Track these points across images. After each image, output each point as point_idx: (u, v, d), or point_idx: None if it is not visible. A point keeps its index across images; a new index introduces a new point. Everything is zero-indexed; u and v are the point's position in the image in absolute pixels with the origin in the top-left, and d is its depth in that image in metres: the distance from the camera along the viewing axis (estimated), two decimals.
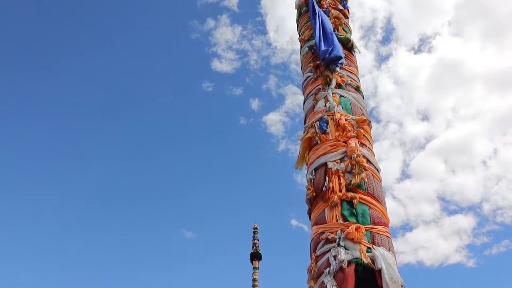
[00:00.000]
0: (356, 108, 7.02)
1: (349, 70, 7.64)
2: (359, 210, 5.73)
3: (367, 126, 6.80)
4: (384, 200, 6.19)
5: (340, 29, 8.27)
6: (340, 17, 8.50)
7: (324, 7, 8.55)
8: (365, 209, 5.79)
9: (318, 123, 6.76)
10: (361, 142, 6.47)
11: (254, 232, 20.32)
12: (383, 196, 6.22)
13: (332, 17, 8.34)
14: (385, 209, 6.04)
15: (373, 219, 5.72)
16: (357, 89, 7.43)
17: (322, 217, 5.89)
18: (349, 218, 5.64)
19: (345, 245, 5.39)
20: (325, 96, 7.10)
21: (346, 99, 7.08)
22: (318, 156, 6.42)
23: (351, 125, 6.59)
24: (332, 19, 8.27)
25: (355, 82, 7.55)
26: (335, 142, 6.41)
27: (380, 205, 5.97)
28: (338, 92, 7.14)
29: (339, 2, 8.98)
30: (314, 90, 7.38)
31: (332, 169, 6.12)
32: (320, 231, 5.74)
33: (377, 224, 5.70)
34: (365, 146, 6.49)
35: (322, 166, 6.30)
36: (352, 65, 7.86)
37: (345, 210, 5.72)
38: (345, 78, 7.41)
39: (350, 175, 6.03)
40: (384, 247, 5.46)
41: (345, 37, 8.10)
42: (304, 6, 8.99)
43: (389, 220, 6.05)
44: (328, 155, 6.32)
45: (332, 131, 6.59)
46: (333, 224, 5.67)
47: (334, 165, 6.15)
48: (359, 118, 6.73)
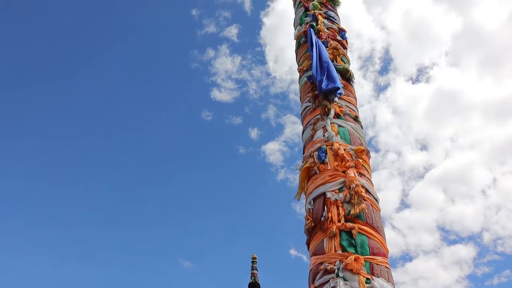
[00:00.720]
0: (354, 138, 7.05)
1: (347, 100, 7.70)
2: (358, 241, 5.70)
3: (366, 156, 6.82)
4: (383, 230, 6.17)
5: (339, 59, 8.35)
6: (339, 48, 8.58)
7: (323, 38, 8.65)
8: (364, 239, 5.76)
9: (316, 153, 6.78)
10: (360, 172, 6.47)
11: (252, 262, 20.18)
12: (382, 226, 6.20)
13: (330, 47, 8.43)
14: (384, 240, 6.01)
15: (372, 250, 5.69)
16: (355, 119, 7.48)
17: (320, 248, 5.86)
18: (348, 248, 5.61)
19: (344, 276, 5.35)
20: (324, 126, 7.14)
21: (345, 129, 7.12)
22: (317, 186, 6.43)
23: (349, 155, 6.61)
24: (331, 50, 8.36)
25: (354, 112, 7.59)
26: (334, 172, 6.42)
27: (379, 236, 5.95)
28: (336, 122, 7.18)
29: (337, 33, 9.09)
30: (312, 120, 7.42)
31: (331, 199, 6.11)
32: (319, 262, 5.70)
33: (376, 255, 5.67)
34: (363, 176, 6.49)
35: (320, 196, 6.29)
36: (350, 95, 7.91)
37: (344, 240, 5.70)
38: (343, 108, 7.46)
39: (349, 205, 6.02)
40: (384, 278, 5.43)
41: (344, 68, 8.18)
42: (303, 36, 9.09)
43: (388, 251, 6.03)
44: (326, 185, 6.32)
45: (330, 161, 6.60)
46: (331, 255, 5.63)
47: (332, 195, 6.14)
48: (357, 148, 6.75)
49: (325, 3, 9.78)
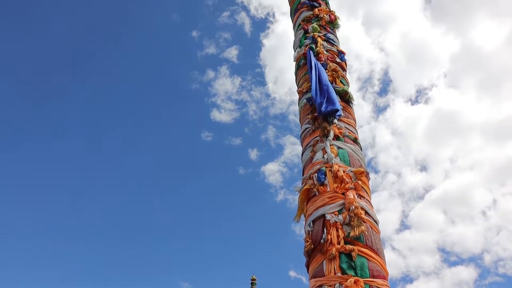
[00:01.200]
0: (354, 160, 7.07)
1: (347, 122, 7.74)
2: (357, 263, 5.69)
3: (365, 177, 6.83)
4: (383, 252, 6.15)
5: (338, 81, 8.41)
6: (338, 70, 8.65)
7: (322, 60, 8.72)
8: (364, 262, 5.75)
9: (316, 175, 6.80)
10: (359, 194, 6.48)
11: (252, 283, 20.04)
12: (382, 248, 6.19)
13: (329, 69, 8.50)
14: (384, 262, 6.00)
15: (372, 272, 5.67)
16: (355, 141, 7.51)
17: (320, 270, 5.84)
18: (348, 271, 5.60)
19: None
20: (323, 148, 7.17)
21: (344, 150, 7.14)
22: (316, 208, 6.43)
23: (349, 177, 6.63)
24: (330, 72, 8.42)
25: (353, 134, 7.63)
26: (333, 194, 6.42)
27: (379, 258, 5.93)
28: (336, 144, 7.22)
29: (336, 55, 9.16)
30: (312, 141, 7.46)
31: (330, 221, 6.11)
32: (319, 284, 5.68)
33: (376, 277, 5.65)
34: (363, 198, 6.50)
35: (320, 218, 6.29)
36: (350, 117, 7.96)
37: (343, 263, 5.69)
38: (343, 130, 7.50)
39: (349, 227, 6.02)
40: None
41: (343, 90, 8.23)
42: (302, 59, 9.18)
43: (388, 273, 6.00)
44: (326, 206, 6.32)
45: (330, 183, 6.61)
46: (331, 277, 5.61)
47: (332, 217, 6.14)
48: (357, 170, 6.77)
49: (325, 26, 9.89)
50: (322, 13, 10.25)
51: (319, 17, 10.12)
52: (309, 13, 10.35)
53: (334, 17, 10.27)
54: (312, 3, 10.61)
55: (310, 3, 10.63)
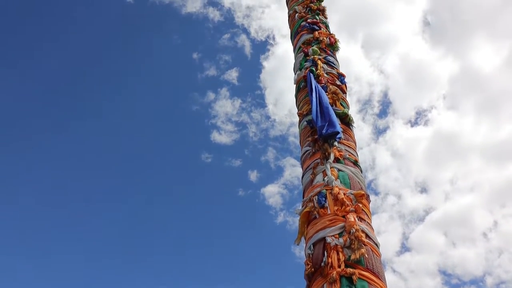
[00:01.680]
0: (354, 182, 7.06)
1: (347, 145, 7.75)
2: (358, 287, 5.63)
3: (366, 200, 6.81)
4: (384, 275, 6.10)
5: (338, 104, 8.44)
6: (338, 92, 8.69)
7: (322, 82, 8.78)
8: (365, 285, 5.68)
9: (316, 197, 6.78)
10: (360, 217, 6.45)
11: None
12: (383, 271, 6.14)
13: (330, 92, 8.54)
14: (385, 285, 5.94)
15: None
16: (355, 163, 7.50)
17: None
18: None
19: None
20: (324, 170, 7.16)
21: (345, 173, 7.14)
22: (317, 230, 6.39)
23: (349, 199, 6.61)
24: (330, 95, 8.46)
25: (353, 156, 7.63)
26: (334, 217, 6.39)
27: (380, 282, 5.88)
28: (336, 166, 7.21)
29: (336, 78, 9.22)
30: (312, 164, 7.45)
31: (331, 244, 6.07)
32: None
33: None
34: (363, 221, 6.47)
35: (320, 241, 6.25)
36: (350, 139, 7.97)
37: (344, 286, 5.62)
38: (343, 152, 7.51)
39: (349, 250, 5.97)
40: None
41: (343, 112, 8.27)
42: (302, 81, 9.23)
43: None
44: (326, 229, 6.28)
45: (330, 206, 6.59)
46: None
47: (332, 240, 6.10)
48: (357, 193, 6.75)
49: (325, 49, 9.98)
50: (322, 36, 10.35)
51: (319, 40, 10.22)
52: (309, 36, 10.46)
53: (334, 40, 10.36)
54: (312, 26, 10.73)
55: (310, 26, 10.75)
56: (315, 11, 11.34)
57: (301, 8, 11.60)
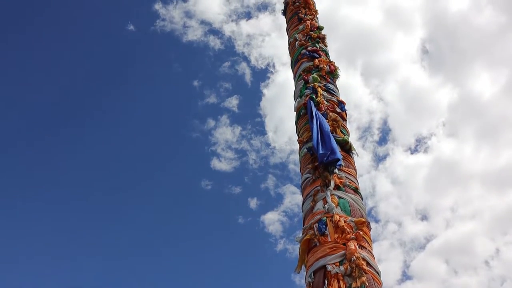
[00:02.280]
0: (355, 210, 7.04)
1: (347, 172, 7.75)
2: None
3: (366, 228, 6.78)
4: None
5: (338, 131, 8.48)
6: (338, 120, 8.73)
7: (322, 110, 8.83)
8: None
9: (317, 225, 6.74)
10: (361, 245, 6.41)
11: None
12: None
13: (330, 119, 8.58)
14: None
15: None
16: (355, 191, 7.50)
17: None
18: None
19: None
20: (324, 198, 7.15)
21: (345, 200, 7.12)
22: (317, 258, 6.35)
23: (350, 227, 6.58)
24: (330, 122, 8.50)
25: (354, 184, 7.63)
26: (334, 245, 6.36)
27: None
28: (336, 193, 7.20)
29: (336, 105, 9.28)
30: (312, 191, 7.44)
31: (331, 272, 6.02)
32: None
33: None
34: (364, 249, 6.43)
35: (321, 269, 6.20)
36: (350, 167, 7.98)
37: None
38: (343, 179, 7.50)
39: (350, 278, 5.93)
40: None
41: (343, 139, 8.29)
42: (303, 108, 9.28)
43: None
44: (327, 257, 6.24)
45: (331, 233, 6.56)
46: None
47: (333, 268, 6.06)
48: (358, 220, 6.73)
49: (325, 76, 10.05)
50: (322, 63, 10.44)
51: (319, 67, 10.31)
52: (309, 64, 10.54)
53: (334, 68, 10.45)
54: (312, 54, 10.83)
55: (311, 54, 10.85)
56: (315, 39, 11.46)
57: (301, 36, 11.72)
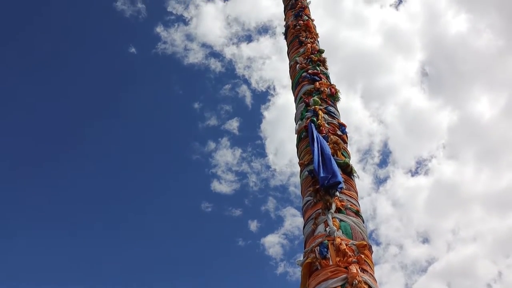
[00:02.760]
0: (356, 233, 7.02)
1: (348, 195, 7.75)
2: None
3: (368, 251, 6.75)
4: None
5: (339, 154, 8.49)
6: (339, 142, 8.76)
7: (323, 132, 8.86)
8: None
9: (318, 248, 6.72)
10: (362, 268, 6.38)
11: None
12: None
13: (331, 142, 8.61)
14: None
15: None
16: (357, 214, 7.48)
17: None
18: None
19: None
20: (325, 221, 7.12)
21: (346, 223, 7.10)
22: (319, 282, 6.31)
23: (351, 250, 6.55)
24: (331, 145, 8.53)
25: (355, 207, 7.62)
26: (336, 268, 6.32)
27: None
28: (338, 216, 7.18)
29: (338, 128, 9.31)
30: (314, 214, 7.42)
31: None
32: None
33: None
34: (366, 272, 6.39)
35: None
36: (351, 189, 7.98)
37: None
38: (345, 202, 7.50)
39: None
40: None
41: (344, 162, 8.30)
42: (304, 131, 9.31)
43: None
44: (328, 281, 6.20)
45: (332, 257, 6.53)
46: None
47: None
48: (359, 243, 6.70)
49: (325, 99, 10.10)
50: (323, 86, 10.49)
51: (320, 90, 10.35)
52: (310, 87, 10.60)
53: (334, 91, 10.49)
54: (313, 77, 10.89)
55: (311, 77, 10.92)
56: (316, 62, 11.52)
57: (302, 59, 11.79)
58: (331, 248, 6.64)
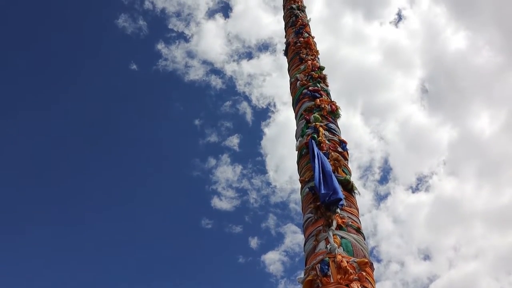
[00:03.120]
0: (357, 250, 6.98)
1: (349, 211, 7.72)
2: None
3: (369, 268, 6.71)
4: None
5: (340, 170, 8.48)
6: (340, 159, 8.76)
7: (324, 149, 8.86)
8: None
9: (319, 266, 6.67)
10: (364, 286, 6.32)
11: None
12: None
13: (332, 159, 8.61)
14: None
15: None
16: (358, 231, 7.45)
17: None
18: None
19: None
20: (326, 238, 7.09)
21: (347, 240, 7.07)
22: None
23: (352, 267, 6.51)
24: (332, 161, 8.53)
25: (356, 224, 7.59)
26: (337, 286, 6.26)
27: None
28: (339, 233, 7.15)
29: (338, 145, 9.32)
30: (315, 231, 7.39)
31: None
32: None
33: None
34: None
35: None
36: (352, 206, 7.96)
37: None
38: (346, 219, 7.47)
39: None
40: None
41: (345, 179, 8.29)
42: (304, 148, 9.31)
43: None
44: None
45: (333, 274, 6.48)
46: None
47: None
48: (361, 261, 6.67)
49: (326, 116, 10.13)
50: (323, 103, 10.52)
51: (320, 107, 10.38)
52: (311, 104, 10.63)
53: (335, 107, 10.52)
54: (314, 94, 10.93)
55: (312, 94, 10.96)
56: (316, 79, 11.58)
57: (302, 76, 11.85)
58: (332, 266, 6.60)
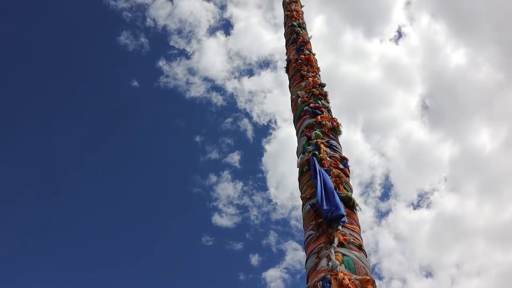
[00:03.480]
0: (359, 267, 6.95)
1: (351, 229, 7.70)
2: None
3: (371, 286, 6.65)
4: None
5: (341, 187, 8.47)
6: (341, 176, 8.75)
7: (325, 166, 8.86)
8: None
9: (321, 283, 6.62)
10: None
11: None
12: None
13: (333, 176, 8.60)
14: None
15: None
16: (359, 248, 7.42)
17: None
18: None
19: None
20: (328, 255, 7.05)
21: (349, 258, 7.04)
22: None
23: (354, 285, 6.46)
24: (333, 178, 8.51)
25: (358, 241, 7.56)
26: None
27: None
28: (340, 251, 7.12)
29: (339, 162, 9.31)
30: (316, 248, 7.36)
31: None
32: None
33: None
34: None
35: None
36: (354, 223, 7.93)
37: None
38: (347, 236, 7.44)
39: None
40: None
41: (347, 196, 8.27)
42: (305, 165, 9.31)
43: None
44: None
45: None
46: None
47: None
48: (362, 278, 6.63)
49: (327, 133, 10.14)
50: (324, 120, 10.55)
51: (321, 124, 10.40)
52: (312, 120, 10.66)
53: (336, 124, 10.54)
54: (315, 110, 10.97)
55: (313, 110, 10.99)
56: (317, 96, 11.62)
57: (303, 93, 11.89)
58: (334, 283, 6.56)
